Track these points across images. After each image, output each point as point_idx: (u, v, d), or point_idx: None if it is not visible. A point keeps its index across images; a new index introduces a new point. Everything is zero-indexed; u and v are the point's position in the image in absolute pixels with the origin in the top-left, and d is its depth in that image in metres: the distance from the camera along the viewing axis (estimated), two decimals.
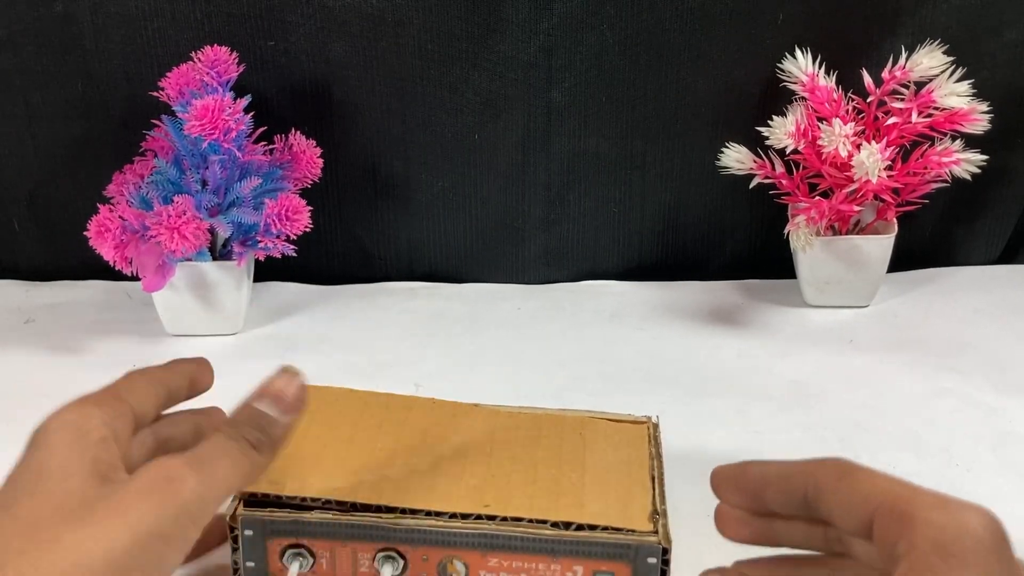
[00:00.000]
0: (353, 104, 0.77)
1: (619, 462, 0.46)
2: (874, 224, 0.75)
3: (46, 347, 0.73)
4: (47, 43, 0.75)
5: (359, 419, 0.49)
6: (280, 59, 0.75)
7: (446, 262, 0.83)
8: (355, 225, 0.82)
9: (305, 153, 0.74)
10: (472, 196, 0.80)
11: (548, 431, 0.48)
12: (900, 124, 0.70)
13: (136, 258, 0.68)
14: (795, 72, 0.72)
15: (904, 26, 0.74)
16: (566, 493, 0.43)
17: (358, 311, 0.78)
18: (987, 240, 0.83)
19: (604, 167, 0.79)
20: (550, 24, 0.73)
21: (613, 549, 0.41)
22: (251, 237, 0.70)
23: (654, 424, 0.49)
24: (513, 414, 0.50)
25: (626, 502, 0.43)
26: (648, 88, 0.76)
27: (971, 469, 0.56)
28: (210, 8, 0.73)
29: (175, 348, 0.73)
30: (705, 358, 0.70)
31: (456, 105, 0.76)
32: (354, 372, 0.69)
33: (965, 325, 0.73)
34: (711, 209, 0.81)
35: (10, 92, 0.77)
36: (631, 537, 0.41)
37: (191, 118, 0.65)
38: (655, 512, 0.42)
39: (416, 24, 0.73)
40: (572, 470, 0.45)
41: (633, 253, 0.83)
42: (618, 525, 0.41)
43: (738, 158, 0.73)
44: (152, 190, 0.69)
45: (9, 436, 0.62)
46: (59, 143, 0.78)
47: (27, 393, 0.66)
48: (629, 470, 0.45)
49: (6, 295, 0.81)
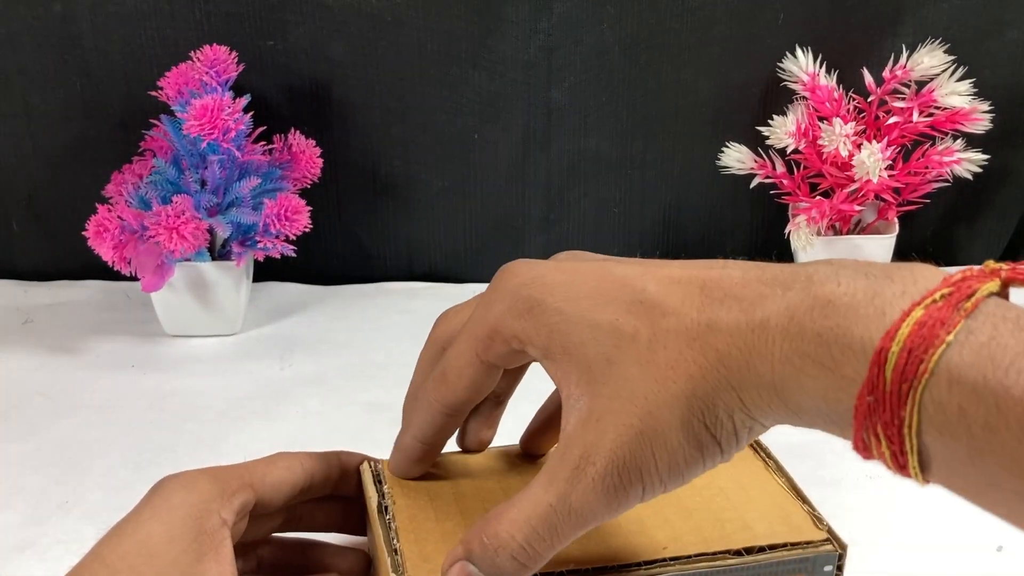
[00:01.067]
0: (353, 104, 0.76)
1: (737, 473, 0.44)
2: (875, 224, 0.75)
3: (45, 347, 0.73)
4: (46, 43, 0.75)
5: (451, 487, 0.43)
6: (280, 59, 0.75)
7: (446, 262, 0.83)
8: (355, 225, 0.81)
9: (304, 153, 0.74)
10: (472, 196, 0.80)
11: None
12: (901, 124, 0.70)
13: (135, 258, 0.68)
14: (796, 71, 0.72)
15: (905, 25, 0.73)
16: (726, 519, 0.41)
17: (358, 311, 0.78)
18: (988, 240, 0.83)
19: (604, 167, 0.79)
20: (550, 24, 0.73)
21: (794, 565, 0.40)
22: (250, 237, 0.70)
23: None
24: None
25: (782, 513, 0.41)
26: (648, 88, 0.76)
27: None
28: (210, 8, 0.73)
29: (174, 348, 0.72)
30: None
31: (456, 105, 0.76)
32: (353, 373, 0.69)
33: None
34: (711, 209, 0.81)
35: (10, 92, 0.76)
36: (809, 550, 0.40)
37: (190, 118, 0.65)
38: (816, 518, 0.41)
39: (416, 24, 0.73)
40: (711, 493, 0.42)
41: (633, 253, 0.82)
42: (795, 540, 0.39)
43: (738, 158, 0.73)
44: (151, 190, 0.69)
45: (9, 435, 0.62)
46: (58, 143, 0.78)
47: (26, 393, 0.66)
48: (753, 479, 0.43)
49: (5, 295, 0.81)
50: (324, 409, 0.64)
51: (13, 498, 0.55)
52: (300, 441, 0.57)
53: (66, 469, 0.58)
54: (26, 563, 0.49)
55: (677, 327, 0.29)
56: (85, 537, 0.50)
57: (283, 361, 0.71)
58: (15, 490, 0.56)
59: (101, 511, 0.53)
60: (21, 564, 0.49)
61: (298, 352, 0.72)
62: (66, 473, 0.57)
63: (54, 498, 0.55)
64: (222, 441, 0.60)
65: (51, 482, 0.56)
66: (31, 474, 0.57)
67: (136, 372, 0.69)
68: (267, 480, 0.37)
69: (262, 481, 0.37)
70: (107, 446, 0.60)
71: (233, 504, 0.35)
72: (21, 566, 0.49)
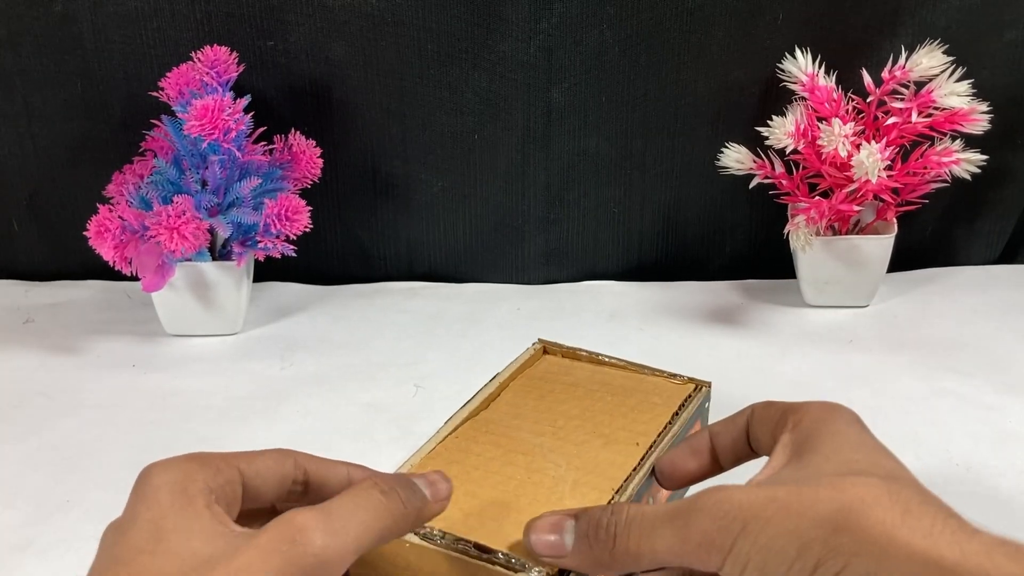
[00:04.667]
0: (353, 104, 0.77)
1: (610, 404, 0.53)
2: (874, 224, 0.75)
3: (46, 347, 0.73)
4: (47, 43, 0.75)
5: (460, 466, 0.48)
6: (280, 59, 0.75)
7: (446, 262, 0.83)
8: (355, 225, 0.82)
9: (305, 153, 0.74)
10: (472, 196, 0.80)
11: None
12: (900, 124, 0.70)
13: (136, 258, 0.68)
14: (795, 72, 0.72)
15: (904, 26, 0.74)
16: (631, 429, 0.50)
17: (358, 311, 0.78)
18: (987, 240, 0.83)
19: (604, 167, 0.79)
20: (550, 24, 0.73)
21: (694, 417, 0.52)
22: (251, 237, 0.70)
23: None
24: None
25: (659, 393, 0.53)
26: (648, 88, 0.76)
27: (971, 469, 0.56)
28: (210, 8, 0.73)
29: (174, 348, 0.73)
30: (705, 358, 0.70)
31: (456, 105, 0.76)
32: (353, 372, 0.69)
33: (965, 325, 0.73)
34: (711, 209, 0.81)
35: (10, 92, 0.77)
36: (694, 400, 0.52)
37: (191, 118, 0.65)
38: (676, 377, 0.53)
39: (416, 24, 0.73)
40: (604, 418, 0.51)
41: (633, 253, 0.83)
42: (682, 400, 0.52)
43: (738, 158, 0.73)
44: (152, 190, 0.69)
45: (9, 436, 0.62)
46: (59, 143, 0.78)
47: (27, 393, 0.66)
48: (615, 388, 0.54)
49: (6, 295, 0.81)
50: (324, 409, 0.64)
51: (13, 498, 0.55)
52: (300, 441, 0.57)
53: (66, 469, 0.58)
54: (26, 563, 0.50)
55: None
56: (85, 536, 0.50)
57: (283, 361, 0.71)
58: (15, 490, 0.56)
59: (101, 511, 0.53)
60: (21, 564, 0.50)
61: (298, 352, 0.72)
62: (66, 473, 0.57)
63: (54, 498, 0.55)
64: (222, 441, 0.60)
65: (51, 482, 0.57)
66: (31, 474, 0.58)
67: (137, 372, 0.69)
68: (254, 466, 0.37)
69: (248, 465, 0.36)
70: (107, 446, 0.60)
71: (217, 478, 0.35)
72: (21, 566, 0.49)
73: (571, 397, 0.53)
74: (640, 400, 0.52)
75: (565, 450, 0.48)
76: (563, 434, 0.49)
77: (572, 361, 0.57)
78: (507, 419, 0.51)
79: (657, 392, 0.53)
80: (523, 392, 0.53)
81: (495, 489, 0.44)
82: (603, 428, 0.49)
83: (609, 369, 0.56)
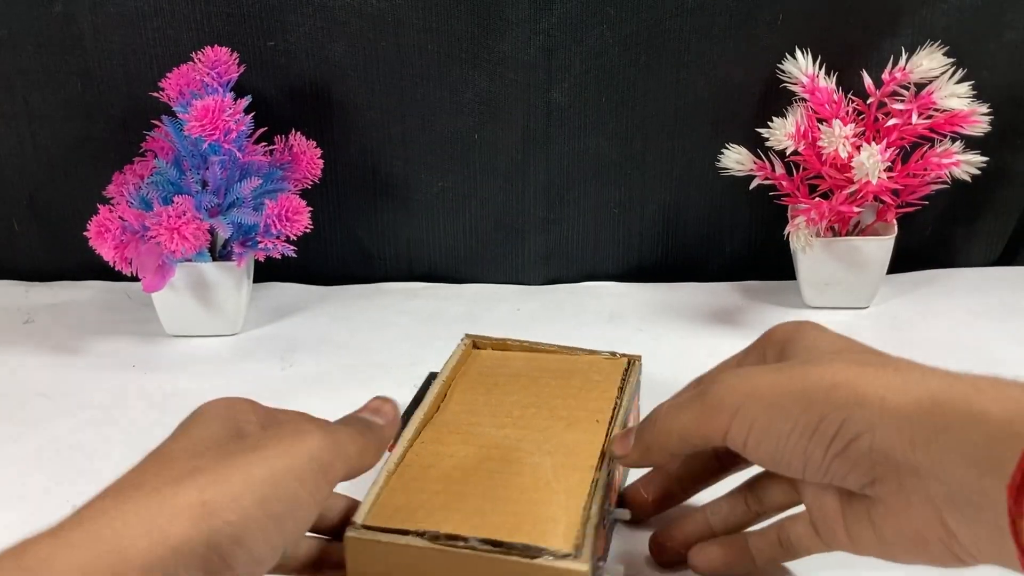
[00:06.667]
0: (353, 104, 0.77)
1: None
2: (874, 225, 0.75)
3: (46, 347, 0.73)
4: (47, 43, 0.75)
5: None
6: (280, 59, 0.75)
7: (446, 262, 0.83)
8: (355, 225, 0.82)
9: (305, 153, 0.74)
10: (472, 196, 0.80)
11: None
12: (900, 125, 0.70)
13: (136, 258, 0.68)
14: (795, 73, 0.72)
15: (904, 27, 0.74)
16: (585, 411, 0.51)
17: (358, 311, 0.78)
18: (987, 241, 0.83)
19: (604, 167, 0.79)
20: (550, 24, 0.73)
21: (634, 392, 0.54)
22: (251, 238, 0.70)
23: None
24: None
25: (597, 374, 0.54)
26: (648, 88, 0.76)
27: None
28: (210, 8, 0.73)
29: (175, 348, 0.73)
30: (705, 358, 0.70)
31: (456, 105, 0.76)
32: (353, 373, 0.69)
33: (965, 327, 0.73)
34: (711, 210, 0.81)
35: (10, 92, 0.77)
36: (632, 374, 0.54)
37: (191, 119, 0.65)
38: (612, 356, 0.55)
39: (416, 24, 0.73)
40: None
41: (633, 254, 0.83)
42: (622, 376, 0.53)
43: (738, 159, 0.73)
44: (152, 190, 0.69)
45: (9, 435, 0.62)
46: (59, 143, 0.78)
47: (27, 393, 0.66)
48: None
49: (6, 295, 0.81)
50: (324, 409, 0.64)
51: (13, 498, 0.55)
52: None
53: (66, 469, 0.58)
54: None
55: None
56: None
57: (284, 361, 0.71)
58: (15, 490, 0.56)
59: None
60: None
61: (299, 352, 0.72)
62: (66, 473, 0.58)
63: (54, 498, 0.55)
64: None
65: (51, 482, 0.57)
66: (31, 474, 0.58)
67: (137, 372, 0.69)
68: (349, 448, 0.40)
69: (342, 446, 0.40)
70: (108, 446, 0.60)
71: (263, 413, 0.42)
72: None
73: (518, 387, 0.53)
74: (583, 380, 0.53)
75: (532, 437, 0.48)
76: (523, 423, 0.49)
77: (504, 352, 0.57)
78: (464, 417, 0.51)
79: (595, 370, 0.54)
80: (469, 389, 0.53)
81: (481, 485, 0.45)
82: (560, 411, 0.50)
83: (542, 355, 0.56)
